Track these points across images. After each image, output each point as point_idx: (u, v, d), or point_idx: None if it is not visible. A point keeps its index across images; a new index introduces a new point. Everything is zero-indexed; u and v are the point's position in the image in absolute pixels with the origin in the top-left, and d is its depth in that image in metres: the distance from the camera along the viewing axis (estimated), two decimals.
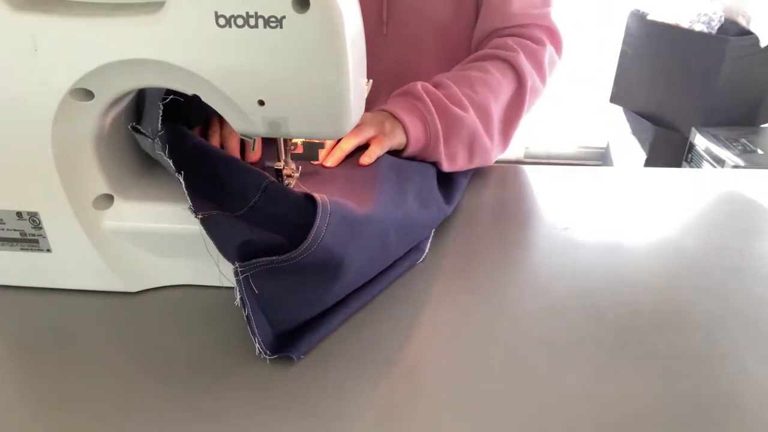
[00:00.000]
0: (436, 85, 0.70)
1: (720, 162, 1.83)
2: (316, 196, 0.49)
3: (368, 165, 0.62)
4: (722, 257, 0.62)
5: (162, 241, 0.53)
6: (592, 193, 0.75)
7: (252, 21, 0.41)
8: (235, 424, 0.42)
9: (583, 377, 0.46)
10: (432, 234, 0.64)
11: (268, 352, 0.46)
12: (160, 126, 0.49)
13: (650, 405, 0.44)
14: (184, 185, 0.47)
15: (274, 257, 0.45)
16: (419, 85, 0.69)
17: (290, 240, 0.46)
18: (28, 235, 0.52)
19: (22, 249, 0.53)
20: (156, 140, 0.49)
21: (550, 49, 0.80)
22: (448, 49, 0.83)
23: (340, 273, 0.49)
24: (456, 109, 0.68)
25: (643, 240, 0.65)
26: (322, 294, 0.50)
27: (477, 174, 0.79)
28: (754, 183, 0.79)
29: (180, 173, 0.47)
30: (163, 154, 0.48)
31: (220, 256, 0.48)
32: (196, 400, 0.44)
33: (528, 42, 0.77)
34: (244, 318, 0.46)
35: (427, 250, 0.61)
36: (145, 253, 0.54)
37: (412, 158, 0.67)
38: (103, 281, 0.54)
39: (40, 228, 0.51)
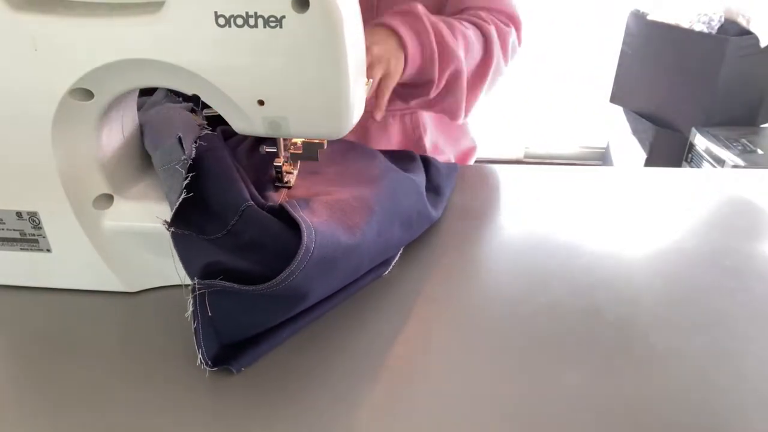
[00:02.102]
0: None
1: (720, 162, 1.83)
2: (303, 227, 0.46)
3: (369, 171, 0.61)
4: (722, 257, 0.62)
5: (162, 241, 0.53)
6: (592, 193, 0.75)
7: (252, 21, 0.41)
8: (235, 423, 0.42)
9: (583, 377, 0.46)
10: (401, 249, 0.61)
11: (209, 363, 0.45)
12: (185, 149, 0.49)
13: (650, 405, 0.44)
14: (179, 200, 0.46)
15: (235, 285, 0.44)
16: (419, 6, 0.70)
17: (262, 267, 0.45)
18: (28, 235, 0.52)
19: (22, 249, 0.53)
20: (179, 164, 0.48)
21: (513, 34, 0.83)
22: None
23: (300, 304, 0.48)
24: (449, 39, 0.70)
25: (643, 240, 0.65)
26: (275, 317, 0.48)
27: (477, 173, 0.79)
28: (754, 183, 0.79)
29: (183, 191, 0.47)
30: (182, 171, 0.48)
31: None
32: (195, 400, 0.44)
33: (497, 21, 0.80)
34: (192, 330, 0.45)
35: (392, 265, 0.58)
36: (145, 253, 0.54)
37: (408, 82, 0.70)
38: (103, 281, 0.54)
39: (40, 228, 0.51)
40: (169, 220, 0.47)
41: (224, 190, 0.49)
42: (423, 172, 0.68)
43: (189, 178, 0.47)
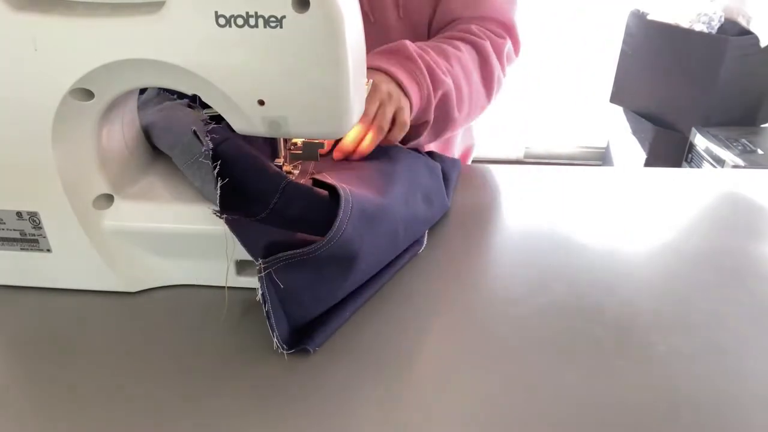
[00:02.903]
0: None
1: (720, 162, 1.83)
2: (338, 186, 0.50)
3: (380, 164, 0.63)
4: (722, 257, 0.62)
5: (162, 241, 0.53)
6: (592, 193, 0.75)
7: (252, 21, 0.41)
8: (235, 423, 0.42)
9: (583, 377, 0.46)
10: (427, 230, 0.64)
11: (285, 346, 0.47)
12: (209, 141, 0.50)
13: (650, 405, 0.44)
14: (219, 188, 0.48)
15: (296, 250, 0.46)
16: (408, 44, 0.68)
17: (314, 234, 0.48)
18: (28, 235, 0.52)
19: (22, 249, 0.53)
20: (203, 156, 0.50)
21: (509, 44, 0.82)
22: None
23: (354, 266, 0.50)
24: (440, 74, 0.69)
25: (643, 240, 0.65)
26: (335, 289, 0.51)
27: (476, 173, 0.79)
28: (754, 183, 0.79)
29: (218, 179, 0.48)
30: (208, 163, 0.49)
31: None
32: (196, 400, 0.44)
33: (491, 33, 0.79)
34: (264, 314, 0.46)
35: (425, 242, 0.62)
36: (145, 253, 0.54)
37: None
38: (103, 281, 0.54)
39: (40, 228, 0.51)
40: (217, 209, 0.48)
41: (258, 172, 0.51)
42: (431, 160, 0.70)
43: (218, 167, 0.49)
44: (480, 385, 0.46)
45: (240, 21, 0.41)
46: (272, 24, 0.41)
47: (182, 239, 0.52)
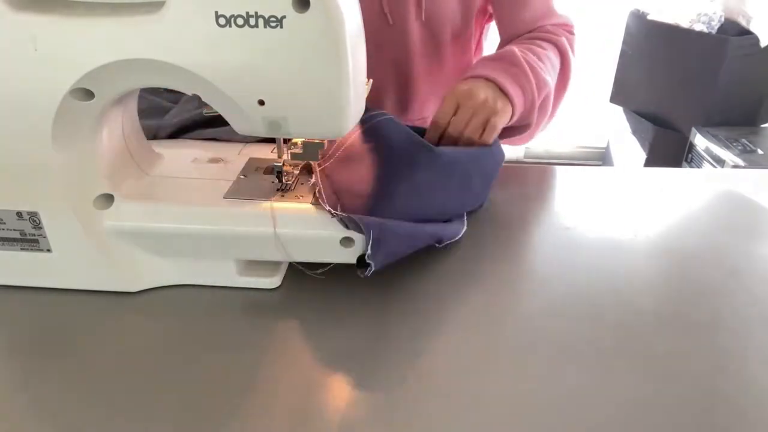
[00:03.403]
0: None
1: (720, 162, 1.83)
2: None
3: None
4: (722, 257, 0.62)
5: (162, 241, 0.53)
6: (592, 193, 0.75)
7: (252, 21, 0.41)
8: (235, 423, 0.42)
9: (583, 377, 0.46)
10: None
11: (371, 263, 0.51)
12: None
13: (650, 405, 0.44)
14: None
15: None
16: (515, 50, 0.71)
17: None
18: (28, 235, 0.52)
19: (22, 249, 0.53)
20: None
21: (575, 39, 0.84)
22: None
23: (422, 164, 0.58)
24: (543, 75, 0.71)
25: (643, 240, 0.65)
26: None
27: None
28: (754, 183, 0.79)
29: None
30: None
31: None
32: (196, 400, 0.44)
33: (564, 31, 0.81)
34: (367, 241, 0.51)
35: (466, 226, 0.64)
36: (145, 253, 0.54)
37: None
38: (103, 281, 0.54)
39: (40, 228, 0.51)
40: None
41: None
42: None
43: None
44: (479, 383, 0.46)
45: (240, 21, 0.41)
46: (272, 24, 0.41)
47: (182, 239, 0.52)
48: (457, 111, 0.66)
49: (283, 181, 0.56)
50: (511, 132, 0.74)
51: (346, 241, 0.52)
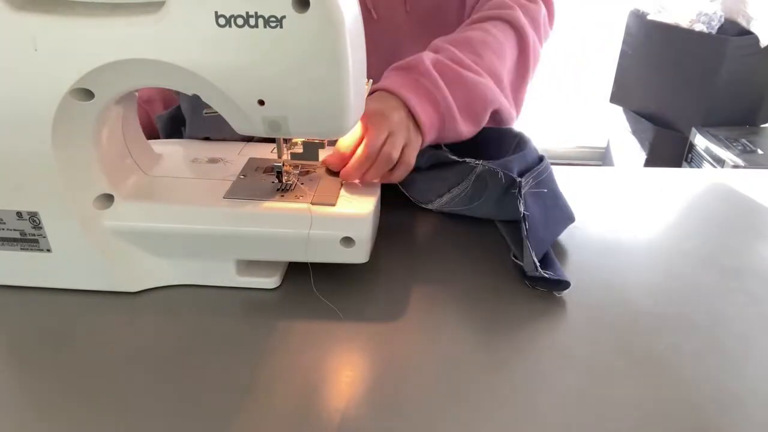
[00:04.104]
0: (437, 51, 0.66)
1: (720, 162, 1.83)
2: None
3: None
4: (722, 257, 0.62)
5: (162, 241, 0.53)
6: (592, 193, 0.75)
7: (252, 21, 0.41)
8: (235, 423, 0.42)
9: (582, 377, 0.46)
10: None
11: (539, 265, 0.54)
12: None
13: (649, 405, 0.44)
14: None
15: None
16: (425, 58, 0.63)
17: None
18: (28, 235, 0.52)
19: (22, 249, 0.53)
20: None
21: (543, 10, 0.77)
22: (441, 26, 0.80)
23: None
24: (470, 75, 0.64)
25: (643, 240, 0.65)
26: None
27: None
28: (754, 183, 0.79)
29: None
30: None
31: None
32: (196, 400, 0.44)
33: (522, 0, 0.74)
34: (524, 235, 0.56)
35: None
36: (145, 253, 0.54)
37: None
38: (103, 281, 0.54)
39: (40, 228, 0.51)
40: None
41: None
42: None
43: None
44: (478, 382, 0.46)
45: (240, 21, 0.41)
46: (272, 24, 0.41)
47: (182, 239, 0.52)
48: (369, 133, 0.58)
49: (283, 181, 0.56)
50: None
51: (346, 241, 0.52)
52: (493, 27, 0.70)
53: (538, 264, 0.54)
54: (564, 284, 0.55)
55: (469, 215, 0.66)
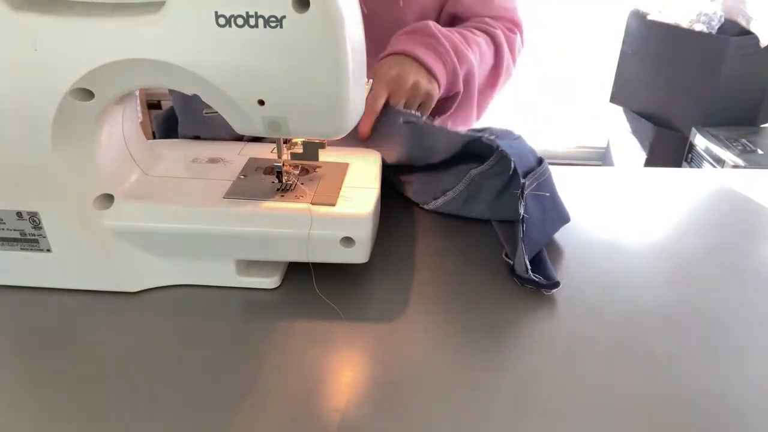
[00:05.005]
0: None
1: (720, 162, 1.83)
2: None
3: None
4: (722, 257, 0.62)
5: (162, 241, 0.53)
6: (592, 193, 0.75)
7: (252, 21, 0.41)
8: (235, 423, 0.42)
9: (582, 377, 0.46)
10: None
11: (530, 268, 0.54)
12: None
13: (649, 405, 0.44)
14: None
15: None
16: (431, 23, 0.73)
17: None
18: (28, 235, 0.52)
19: (22, 249, 0.53)
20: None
21: (518, 38, 0.87)
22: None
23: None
24: (464, 50, 0.74)
25: (643, 240, 0.65)
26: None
27: None
28: (754, 183, 0.79)
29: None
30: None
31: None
32: (196, 400, 0.44)
33: (504, 28, 0.84)
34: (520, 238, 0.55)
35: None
36: (145, 253, 0.54)
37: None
38: (103, 281, 0.54)
39: (40, 228, 0.51)
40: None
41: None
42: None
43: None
44: (478, 382, 0.46)
45: (240, 21, 0.41)
46: (272, 24, 0.41)
47: (182, 239, 0.52)
48: (389, 99, 0.67)
49: (283, 181, 0.56)
50: (443, 104, 0.78)
51: (346, 241, 0.52)
52: (478, 35, 0.80)
53: (529, 267, 0.54)
54: (553, 284, 0.55)
55: (464, 215, 0.66)
